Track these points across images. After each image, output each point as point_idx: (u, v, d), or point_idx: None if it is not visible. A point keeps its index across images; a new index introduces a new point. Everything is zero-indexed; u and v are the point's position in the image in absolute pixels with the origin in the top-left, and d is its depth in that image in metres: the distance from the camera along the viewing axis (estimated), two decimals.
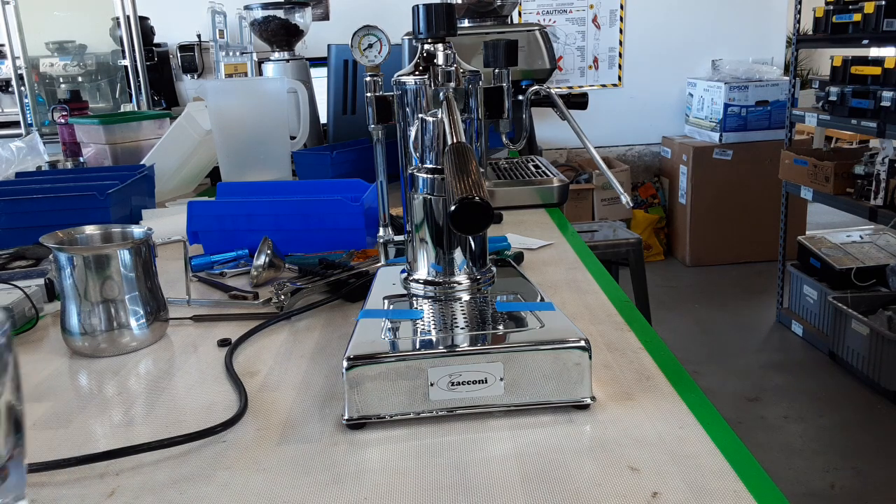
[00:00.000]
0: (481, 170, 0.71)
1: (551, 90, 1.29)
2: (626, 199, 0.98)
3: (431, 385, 0.67)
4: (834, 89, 3.00)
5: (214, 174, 1.90)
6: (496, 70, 0.91)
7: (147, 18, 3.77)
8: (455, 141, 0.68)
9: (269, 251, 1.10)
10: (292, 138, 1.78)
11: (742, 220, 4.19)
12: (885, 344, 2.68)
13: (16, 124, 3.28)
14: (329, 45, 2.00)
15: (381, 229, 0.96)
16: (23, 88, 3.18)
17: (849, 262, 3.17)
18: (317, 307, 1.00)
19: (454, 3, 1.47)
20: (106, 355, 0.87)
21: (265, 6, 2.25)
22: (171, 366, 0.84)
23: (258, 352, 0.87)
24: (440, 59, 0.79)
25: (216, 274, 1.16)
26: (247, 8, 2.31)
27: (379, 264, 0.98)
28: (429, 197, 0.79)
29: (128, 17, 3.06)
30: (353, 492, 0.58)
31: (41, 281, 1.06)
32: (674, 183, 4.42)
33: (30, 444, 0.68)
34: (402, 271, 0.85)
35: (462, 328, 0.73)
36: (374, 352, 0.67)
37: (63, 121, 2.08)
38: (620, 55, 4.48)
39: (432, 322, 0.76)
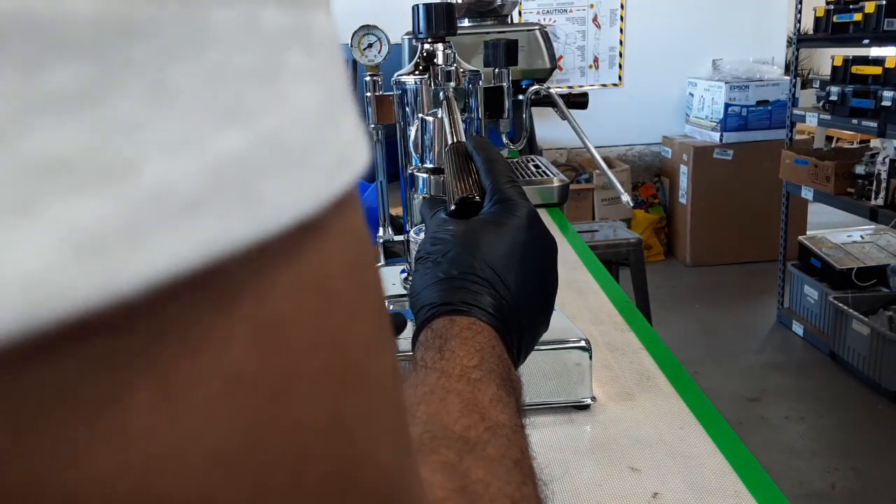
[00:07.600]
0: None
1: (551, 90, 1.29)
2: (626, 198, 0.98)
3: None
4: (834, 89, 3.00)
5: None
6: (496, 70, 0.91)
7: None
8: (455, 141, 0.68)
9: None
10: None
11: (742, 220, 4.18)
12: (886, 344, 2.68)
13: None
14: None
15: (380, 229, 0.96)
16: None
17: (849, 262, 3.16)
18: None
19: (454, 2, 1.47)
20: None
21: None
22: None
23: None
24: (440, 59, 0.79)
25: None
26: None
27: (378, 264, 0.98)
28: (429, 197, 0.79)
29: None
30: None
31: None
32: (674, 183, 4.42)
33: None
34: (402, 271, 0.85)
35: None
36: None
37: None
38: (621, 55, 4.48)
39: None
